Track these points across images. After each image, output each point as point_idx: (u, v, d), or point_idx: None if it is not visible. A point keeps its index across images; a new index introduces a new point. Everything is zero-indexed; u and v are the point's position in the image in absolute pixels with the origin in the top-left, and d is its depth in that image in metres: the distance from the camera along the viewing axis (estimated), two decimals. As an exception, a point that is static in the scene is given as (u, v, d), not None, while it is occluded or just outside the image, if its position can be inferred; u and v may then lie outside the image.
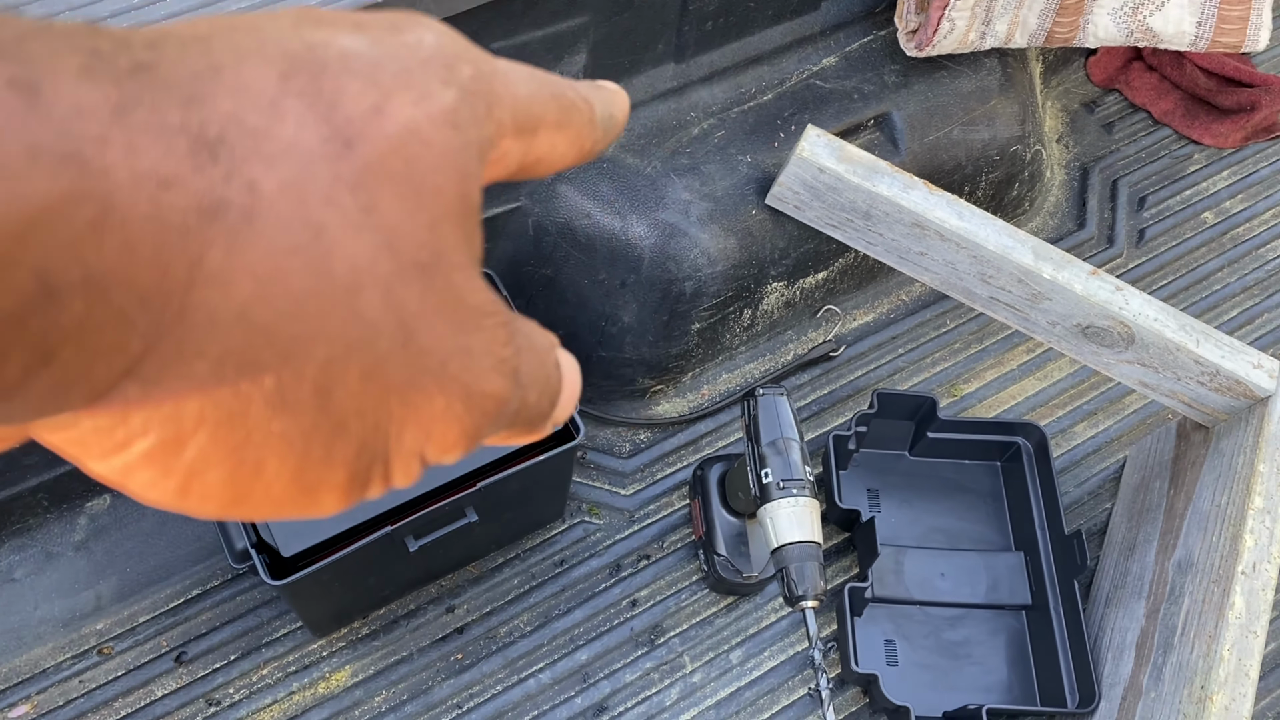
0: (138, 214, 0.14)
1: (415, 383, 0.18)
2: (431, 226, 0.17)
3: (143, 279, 0.15)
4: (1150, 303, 0.95)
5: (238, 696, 0.95)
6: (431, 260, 0.17)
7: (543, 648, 1.00)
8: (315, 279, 0.16)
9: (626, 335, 1.07)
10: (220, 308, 0.15)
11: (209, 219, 0.15)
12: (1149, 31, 1.06)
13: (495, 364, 0.19)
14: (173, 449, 0.17)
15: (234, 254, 0.15)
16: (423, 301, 0.17)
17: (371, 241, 0.16)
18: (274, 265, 0.16)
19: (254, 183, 0.15)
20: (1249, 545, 0.87)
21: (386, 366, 0.17)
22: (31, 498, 0.96)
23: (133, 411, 0.16)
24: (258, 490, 0.18)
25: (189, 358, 0.16)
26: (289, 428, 0.17)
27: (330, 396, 0.17)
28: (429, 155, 0.17)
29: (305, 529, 0.81)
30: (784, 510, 0.85)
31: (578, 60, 0.93)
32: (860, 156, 0.96)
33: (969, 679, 1.01)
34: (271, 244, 0.15)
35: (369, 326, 0.17)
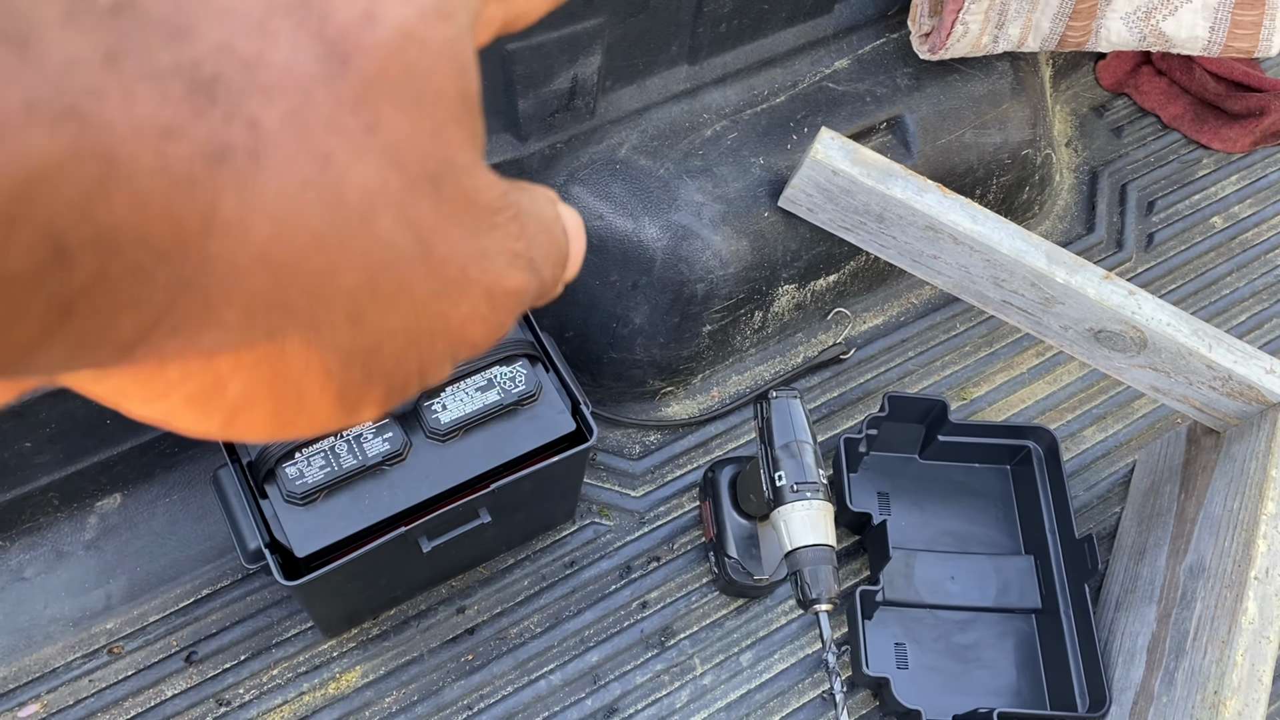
0: (143, 167, 0.14)
1: (440, 293, 0.18)
2: (436, 133, 0.17)
3: (156, 233, 0.14)
4: (1163, 307, 0.95)
5: (248, 697, 0.95)
6: (440, 169, 0.17)
7: (553, 649, 1.00)
8: (330, 210, 0.16)
9: (638, 337, 1.06)
10: (240, 253, 0.15)
11: (215, 165, 0.15)
12: (1162, 36, 1.06)
13: (511, 259, 0.19)
14: (214, 393, 0.17)
15: (246, 198, 0.15)
16: (437, 213, 0.17)
17: (379, 162, 0.16)
18: (287, 203, 0.15)
19: (255, 119, 0.15)
20: (1262, 550, 0.87)
21: (411, 283, 0.17)
22: (42, 496, 0.96)
23: (169, 362, 0.17)
24: (301, 418, 0.18)
25: (217, 306, 0.16)
26: (326, 358, 0.17)
27: (362, 322, 0.17)
28: (426, 56, 0.17)
29: (319, 530, 0.81)
30: (798, 513, 0.85)
31: (593, 61, 0.92)
32: (874, 159, 0.96)
33: (979, 682, 1.01)
34: (282, 181, 0.15)
35: (389, 248, 0.17)
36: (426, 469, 0.84)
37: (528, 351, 0.87)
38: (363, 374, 0.18)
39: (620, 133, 1.02)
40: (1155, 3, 1.05)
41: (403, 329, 0.18)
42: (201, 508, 1.01)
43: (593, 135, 1.01)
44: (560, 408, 0.87)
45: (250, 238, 0.15)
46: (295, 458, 0.81)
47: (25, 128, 0.13)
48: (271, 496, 0.81)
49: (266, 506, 0.81)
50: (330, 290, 0.16)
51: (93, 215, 0.14)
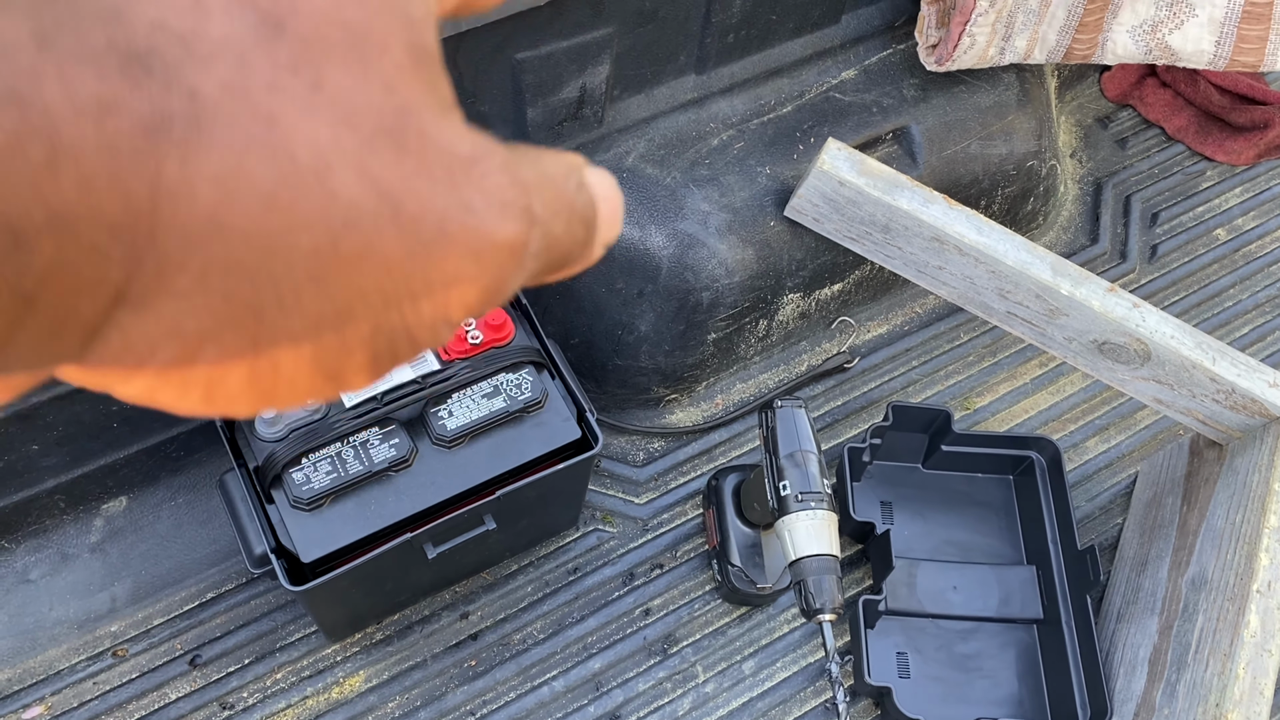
0: (87, 145, 0.14)
1: (416, 252, 0.17)
2: (388, 88, 0.17)
3: (106, 209, 0.14)
4: (1167, 320, 0.95)
5: (251, 700, 0.95)
6: (397, 122, 0.17)
7: (556, 655, 1.00)
8: (279, 168, 0.16)
9: (643, 344, 1.07)
10: (188, 220, 0.15)
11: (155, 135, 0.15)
12: (1168, 49, 1.07)
13: (499, 210, 0.18)
14: (186, 365, 0.17)
15: (189, 164, 0.15)
16: (400, 167, 0.17)
17: (329, 118, 0.16)
18: (232, 165, 0.15)
19: (193, 88, 0.15)
20: (1264, 564, 0.88)
21: (379, 243, 0.17)
22: (48, 499, 0.96)
23: (134, 338, 0.16)
24: (282, 385, 0.18)
25: (171, 274, 0.15)
26: (292, 322, 0.17)
27: (326, 284, 0.17)
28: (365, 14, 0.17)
29: (325, 535, 0.81)
30: (802, 523, 0.85)
31: (602, 70, 0.93)
32: (881, 170, 0.97)
33: (980, 692, 1.01)
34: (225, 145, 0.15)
35: (349, 206, 0.16)
36: (432, 475, 0.84)
37: (534, 358, 0.87)
38: (337, 339, 0.18)
39: (628, 141, 1.03)
40: (1161, 16, 1.05)
41: (376, 290, 0.17)
42: (206, 511, 1.02)
43: (600, 144, 1.01)
44: (566, 415, 0.87)
45: (197, 203, 0.15)
46: (302, 463, 0.81)
47: None
48: (278, 501, 0.81)
49: (273, 511, 0.82)
50: (287, 250, 0.16)
51: (44, 198, 0.14)
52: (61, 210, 0.14)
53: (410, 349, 0.19)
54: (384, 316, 0.18)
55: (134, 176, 0.14)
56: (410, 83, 0.17)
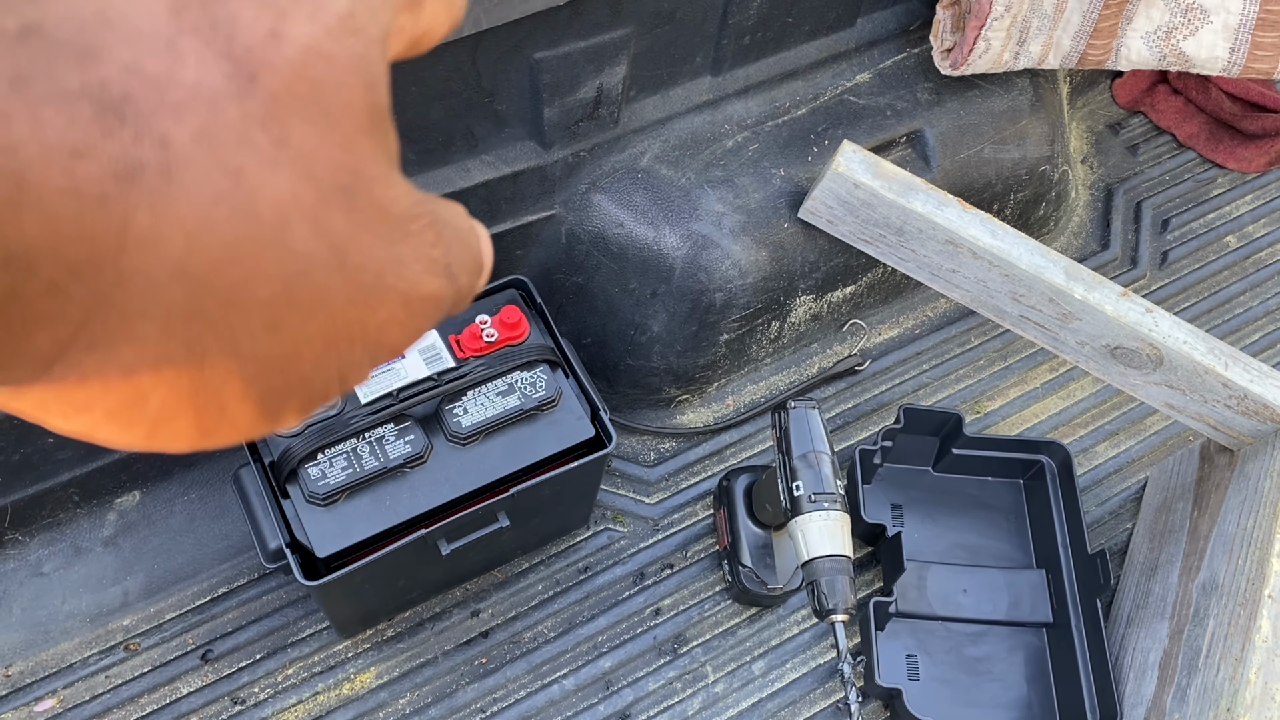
0: (53, 187, 0.14)
1: (356, 300, 0.18)
2: (346, 146, 0.17)
3: (70, 251, 0.15)
4: (1179, 325, 0.95)
5: (262, 696, 0.96)
6: (350, 180, 0.18)
7: (566, 654, 1.00)
8: (243, 223, 0.16)
9: (655, 344, 1.07)
10: (155, 268, 0.15)
11: (127, 183, 0.15)
12: (1182, 56, 1.07)
13: (427, 266, 0.19)
14: (134, 406, 0.17)
15: (159, 213, 0.15)
16: (349, 222, 0.18)
17: (290, 175, 0.17)
18: (201, 216, 0.16)
19: (165, 137, 0.15)
20: (1276, 569, 0.88)
21: (327, 292, 0.18)
22: (62, 492, 0.96)
23: (88, 376, 0.17)
24: (223, 426, 0.19)
25: (134, 319, 0.16)
26: (245, 368, 0.18)
27: (279, 331, 0.17)
28: (333, 71, 0.17)
29: (340, 530, 0.81)
30: (815, 523, 0.85)
31: (618, 71, 0.93)
32: (895, 173, 0.97)
33: (990, 696, 1.01)
34: (194, 196, 0.15)
35: (304, 258, 0.17)
36: (447, 472, 0.84)
37: (548, 357, 0.88)
38: (283, 381, 0.18)
39: (643, 142, 1.03)
40: (1176, 23, 1.05)
41: (320, 336, 0.18)
42: (219, 506, 1.02)
43: (616, 144, 1.02)
44: (580, 413, 0.87)
45: (165, 252, 0.15)
46: (318, 459, 0.82)
47: None
48: (293, 496, 0.82)
49: (288, 506, 0.82)
50: (246, 300, 0.17)
51: (2, 235, 0.14)
52: (21, 249, 0.14)
53: (339, 388, 0.20)
54: (324, 359, 0.19)
55: (102, 222, 0.15)
56: (365, 142, 0.18)
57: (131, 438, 0.18)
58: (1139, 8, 1.05)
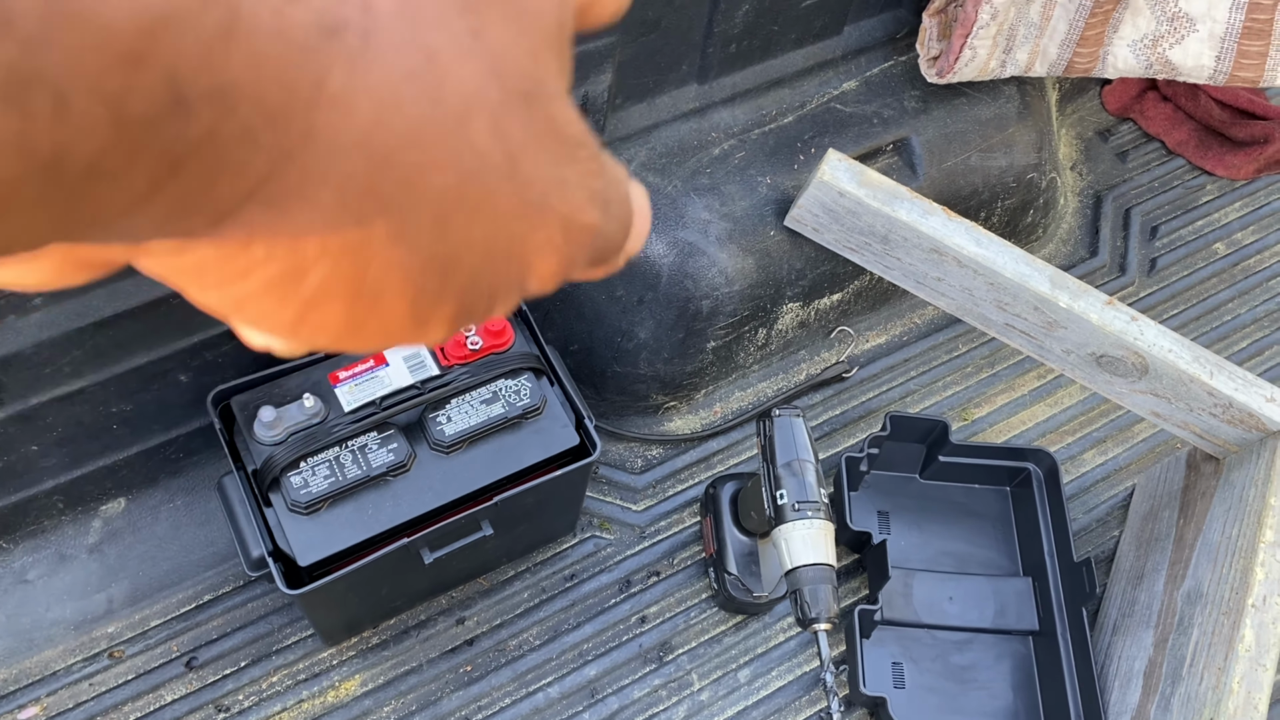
0: (264, 27, 0.14)
1: (521, 213, 0.18)
2: (534, 54, 0.17)
3: (269, 95, 0.14)
4: (1165, 334, 0.95)
5: (247, 703, 0.96)
6: (534, 89, 0.17)
7: (551, 662, 1.00)
8: (430, 105, 0.16)
9: (642, 351, 1.07)
10: (343, 132, 0.15)
11: (329, 37, 0.15)
12: (1168, 64, 1.07)
13: (589, 195, 0.19)
14: (294, 279, 0.17)
15: (354, 76, 0.15)
16: (526, 131, 0.17)
17: (480, 68, 0.16)
18: (391, 90, 0.15)
19: (370, 1, 0.15)
20: (1259, 578, 0.88)
21: (496, 197, 0.17)
22: (47, 499, 0.96)
23: (256, 238, 0.16)
24: (372, 322, 0.18)
25: (314, 184, 0.16)
26: (408, 259, 0.17)
27: (447, 227, 0.17)
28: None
29: (322, 539, 0.81)
30: (798, 532, 0.85)
31: (604, 79, 0.93)
32: (880, 181, 0.97)
33: (975, 704, 1.01)
34: (389, 67, 0.15)
35: (479, 156, 0.17)
36: (430, 480, 0.84)
37: (533, 365, 0.87)
38: (439, 283, 0.18)
39: (629, 150, 1.03)
40: (1162, 31, 1.06)
41: (483, 243, 0.18)
42: (205, 514, 1.02)
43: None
44: (564, 421, 0.87)
45: (353, 117, 0.15)
46: (300, 467, 0.82)
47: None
48: (276, 505, 0.82)
49: (270, 514, 0.82)
50: (421, 187, 0.16)
51: (212, 67, 0.14)
52: (227, 84, 0.14)
53: (488, 310, 0.19)
54: (481, 269, 0.18)
55: (301, 71, 0.15)
56: (550, 57, 0.18)
57: (279, 319, 0.18)
58: (1125, 16, 1.05)
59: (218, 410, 0.84)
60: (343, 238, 0.16)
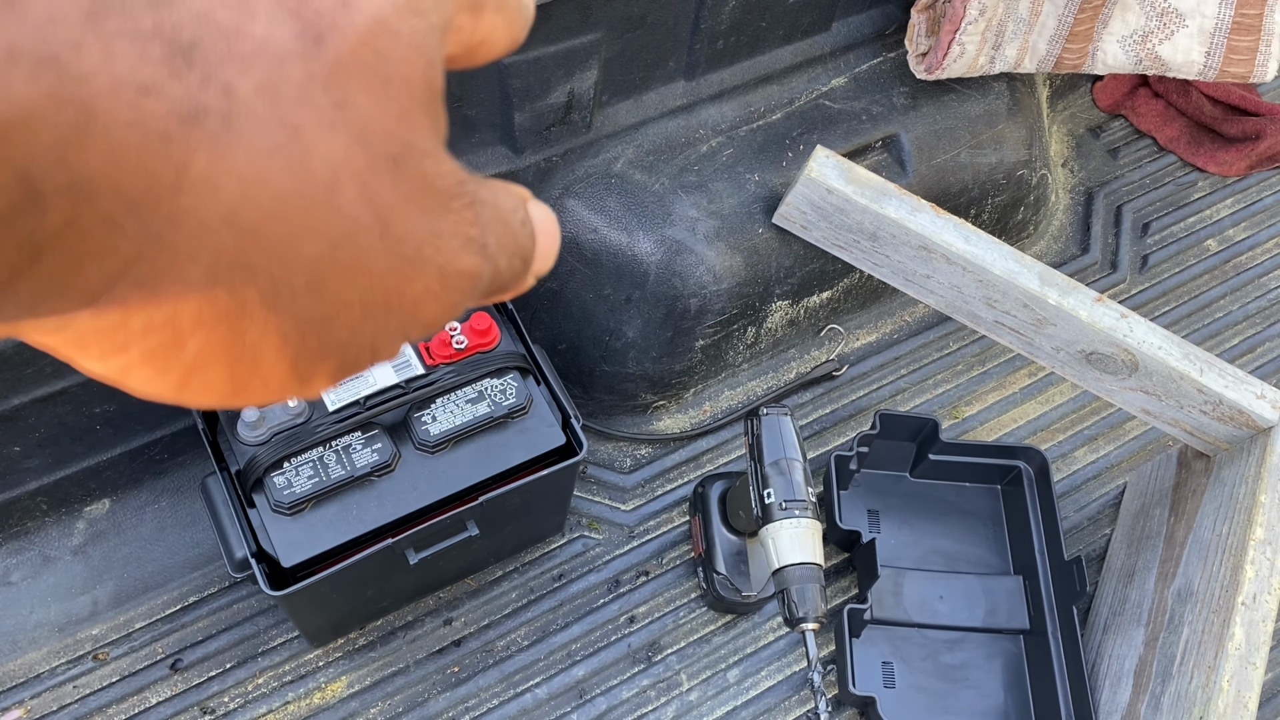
0: (119, 120, 0.14)
1: (395, 269, 0.18)
2: (401, 117, 0.18)
3: (129, 185, 0.15)
4: (1154, 331, 0.95)
5: (233, 705, 0.95)
6: (402, 151, 0.18)
7: (540, 662, 1.00)
8: (296, 178, 0.16)
9: (630, 350, 1.07)
10: (209, 212, 0.16)
11: (189, 125, 0.15)
12: (1158, 60, 1.07)
13: (465, 243, 0.20)
14: (173, 349, 0.18)
15: (217, 159, 0.15)
16: (396, 191, 0.18)
17: (346, 137, 0.17)
18: (256, 167, 0.16)
19: (230, 86, 0.15)
20: (1249, 576, 0.87)
21: (368, 257, 0.18)
22: (30, 501, 0.95)
23: (131, 314, 0.17)
24: (255, 382, 0.19)
25: (183, 261, 0.16)
26: (284, 323, 0.18)
27: (321, 290, 0.18)
28: (397, 45, 0.17)
29: (306, 540, 0.80)
30: (786, 531, 0.85)
31: (590, 76, 0.93)
32: (868, 178, 0.97)
33: (966, 703, 1.01)
34: (252, 147, 0.16)
35: (350, 221, 0.17)
36: (415, 480, 0.83)
37: (519, 364, 0.87)
38: (318, 343, 0.19)
39: (616, 147, 1.02)
40: (1151, 27, 1.05)
41: (359, 301, 0.18)
42: (189, 515, 1.01)
43: (588, 149, 1.01)
44: (551, 421, 0.87)
45: (220, 197, 0.16)
46: (284, 467, 0.81)
47: (6, 74, 0.14)
48: (259, 505, 0.81)
49: (254, 515, 0.81)
50: (292, 256, 0.17)
51: (67, 162, 0.14)
52: (83, 177, 0.15)
53: (370, 359, 0.20)
54: (360, 326, 0.19)
55: (162, 160, 0.15)
56: (420, 117, 0.18)
57: (164, 384, 0.19)
58: (1114, 12, 1.05)
59: (201, 410, 0.84)
60: (216, 308, 0.17)
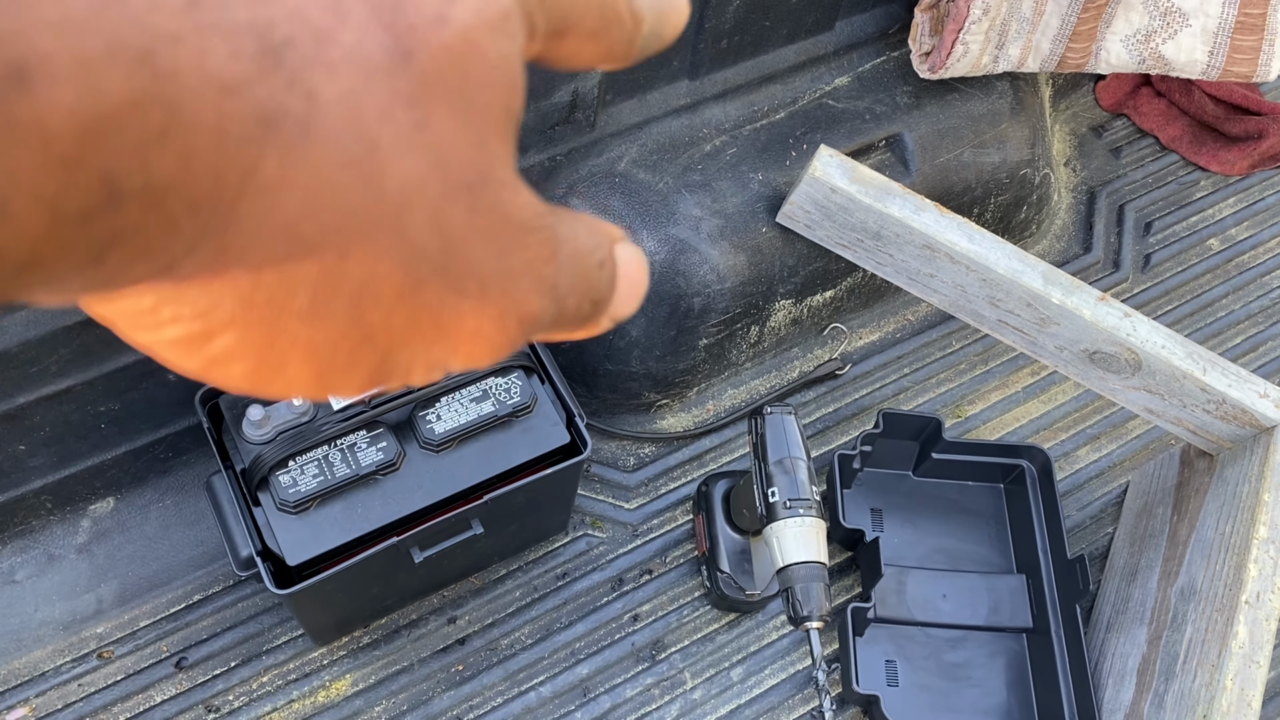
0: (202, 122, 0.14)
1: (450, 305, 0.18)
2: (480, 144, 0.17)
3: (197, 187, 0.14)
4: (1158, 330, 0.95)
5: (237, 703, 0.95)
6: (479, 180, 0.17)
7: (543, 660, 1.00)
8: (365, 196, 0.16)
9: (634, 349, 1.07)
10: (267, 219, 0.15)
11: (267, 128, 0.15)
12: (1161, 59, 1.07)
13: (535, 283, 0.19)
14: (199, 341, 0.17)
15: (288, 166, 0.15)
16: (469, 223, 0.17)
17: (423, 160, 0.16)
18: (326, 179, 0.15)
19: (314, 92, 0.15)
20: (1253, 575, 0.87)
21: (424, 288, 0.17)
22: (35, 499, 0.96)
23: (164, 303, 0.17)
24: (277, 383, 0.18)
25: (229, 262, 0.16)
26: (316, 336, 0.17)
27: (363, 311, 0.17)
28: (483, 69, 0.17)
29: (311, 538, 0.81)
30: (790, 530, 0.85)
31: (593, 74, 0.93)
32: (872, 178, 0.97)
33: (969, 701, 1.01)
34: (325, 157, 0.15)
35: (413, 248, 0.17)
36: (420, 479, 0.84)
37: (523, 363, 0.87)
38: (348, 361, 0.18)
39: (620, 146, 1.03)
40: (1155, 26, 1.05)
41: (402, 329, 0.18)
42: (194, 513, 1.01)
43: (592, 148, 1.01)
44: (555, 419, 0.87)
45: (281, 204, 0.15)
46: (289, 466, 0.81)
47: (106, 68, 0.13)
48: (264, 504, 0.81)
49: (259, 514, 0.81)
50: (341, 272, 0.16)
51: (147, 163, 0.14)
52: (159, 179, 0.14)
53: (402, 382, 0.19)
54: (397, 350, 0.18)
55: (232, 162, 0.15)
56: (498, 144, 0.18)
57: (188, 366, 0.18)
58: (1118, 11, 1.05)
59: (206, 409, 0.84)
60: (251, 313, 0.17)
